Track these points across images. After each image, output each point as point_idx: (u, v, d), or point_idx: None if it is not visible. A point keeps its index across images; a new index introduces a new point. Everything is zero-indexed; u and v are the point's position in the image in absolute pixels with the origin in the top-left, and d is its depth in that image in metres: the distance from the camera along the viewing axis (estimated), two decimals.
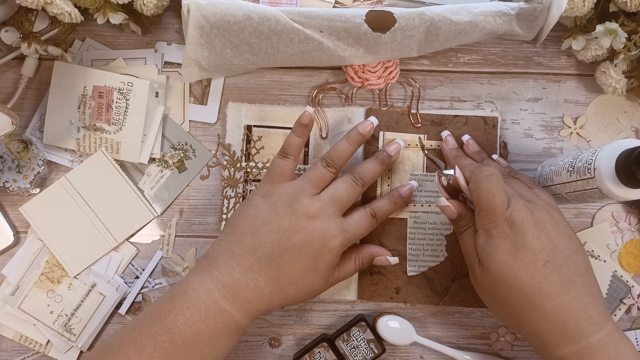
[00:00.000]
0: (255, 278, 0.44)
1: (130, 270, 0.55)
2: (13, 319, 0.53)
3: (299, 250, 0.45)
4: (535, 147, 0.56)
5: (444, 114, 0.55)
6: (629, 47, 0.51)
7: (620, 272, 0.54)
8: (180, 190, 0.56)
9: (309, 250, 0.45)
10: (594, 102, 0.57)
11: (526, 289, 0.41)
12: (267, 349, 0.55)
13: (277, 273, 0.45)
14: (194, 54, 0.51)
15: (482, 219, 0.44)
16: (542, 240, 0.42)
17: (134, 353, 0.42)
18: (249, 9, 0.50)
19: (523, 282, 0.41)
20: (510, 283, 0.42)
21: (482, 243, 0.44)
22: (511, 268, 0.42)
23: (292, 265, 0.45)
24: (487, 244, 0.43)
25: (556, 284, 0.41)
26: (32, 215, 0.54)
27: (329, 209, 0.46)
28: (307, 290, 0.47)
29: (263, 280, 0.44)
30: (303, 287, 0.46)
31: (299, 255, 0.45)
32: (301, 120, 0.49)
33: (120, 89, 0.54)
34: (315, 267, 0.46)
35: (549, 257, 0.41)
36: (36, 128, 0.55)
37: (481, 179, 0.44)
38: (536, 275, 0.41)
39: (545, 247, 0.42)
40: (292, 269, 0.45)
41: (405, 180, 0.54)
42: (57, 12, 0.48)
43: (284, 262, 0.45)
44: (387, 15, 0.51)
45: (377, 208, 0.50)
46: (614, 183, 0.43)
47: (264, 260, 0.44)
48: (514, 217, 0.42)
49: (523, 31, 0.53)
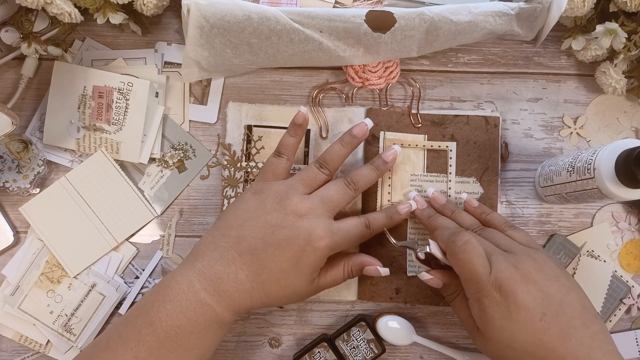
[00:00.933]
0: (237, 271, 0.44)
1: (130, 270, 0.55)
2: (13, 319, 0.53)
3: (282, 247, 0.44)
4: (535, 147, 0.56)
5: (445, 113, 0.55)
6: (629, 47, 0.51)
7: (620, 272, 0.54)
8: (180, 190, 0.56)
9: (293, 247, 0.44)
10: (594, 102, 0.57)
11: (529, 348, 0.41)
12: (267, 349, 0.55)
13: (258, 268, 0.44)
14: (193, 54, 0.51)
15: (469, 288, 0.43)
16: (533, 294, 0.41)
17: (120, 347, 0.42)
18: (249, 9, 0.50)
19: (525, 343, 0.41)
20: (513, 346, 0.41)
21: (477, 313, 0.43)
22: (510, 332, 0.41)
23: (274, 261, 0.44)
24: (482, 314, 0.42)
25: (556, 335, 0.40)
26: (32, 215, 0.54)
27: (318, 209, 0.46)
28: (290, 290, 0.46)
29: (244, 274, 0.44)
30: (285, 285, 0.45)
31: (282, 252, 0.44)
32: (295, 120, 0.49)
33: (120, 89, 0.54)
34: (297, 265, 0.45)
35: (544, 309, 0.41)
36: (36, 128, 0.55)
37: (457, 251, 0.43)
38: (535, 332, 0.40)
39: (538, 300, 0.41)
40: (274, 265, 0.44)
41: (406, 180, 0.54)
42: (57, 12, 0.48)
43: (267, 257, 0.44)
44: (387, 15, 0.51)
45: (373, 219, 0.49)
46: (614, 183, 0.43)
47: (247, 254, 0.44)
48: (499, 280, 0.41)
49: (523, 31, 0.53)
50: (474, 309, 0.44)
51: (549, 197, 0.53)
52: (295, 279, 0.45)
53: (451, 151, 0.54)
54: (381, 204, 0.54)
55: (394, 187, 0.54)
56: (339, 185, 0.48)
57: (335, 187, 0.47)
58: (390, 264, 0.53)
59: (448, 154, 0.54)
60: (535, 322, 0.40)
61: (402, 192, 0.54)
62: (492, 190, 0.54)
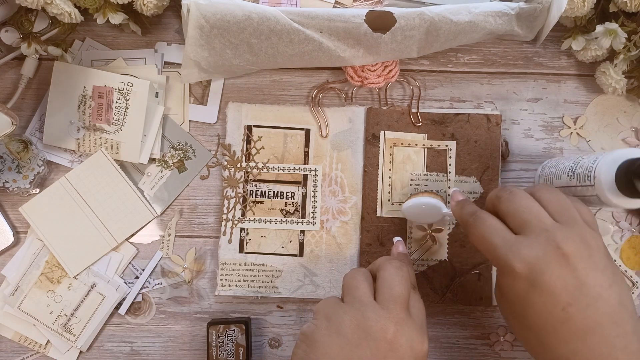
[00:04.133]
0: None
1: (130, 271, 0.55)
2: (13, 319, 0.53)
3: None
4: (535, 148, 0.56)
5: (446, 112, 0.55)
6: (629, 47, 0.51)
7: (624, 268, 0.54)
8: (180, 191, 0.56)
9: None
10: (594, 102, 0.57)
11: (536, 330, 0.38)
12: (267, 349, 0.55)
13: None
14: (193, 55, 0.51)
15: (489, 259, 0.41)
16: (565, 280, 0.37)
17: None
18: (249, 9, 0.50)
19: (534, 324, 0.38)
20: (523, 322, 0.39)
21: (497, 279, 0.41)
22: (523, 309, 0.38)
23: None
24: (498, 282, 0.40)
25: (577, 328, 0.37)
26: (31, 216, 0.53)
27: (400, 313, 0.39)
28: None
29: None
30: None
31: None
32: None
33: (120, 89, 0.54)
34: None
35: (571, 299, 0.37)
36: (36, 128, 0.55)
37: (468, 227, 0.42)
38: (550, 319, 0.37)
39: (568, 289, 0.37)
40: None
41: (406, 179, 0.54)
42: (57, 12, 0.48)
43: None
44: (387, 15, 0.51)
45: (411, 277, 0.44)
46: (614, 193, 0.42)
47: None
48: (526, 257, 0.38)
49: (523, 31, 0.53)
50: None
51: None
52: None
53: (451, 150, 0.54)
54: (381, 203, 0.54)
55: (394, 187, 0.54)
56: (393, 272, 0.42)
57: (393, 276, 0.41)
58: None
59: (448, 153, 0.54)
60: (555, 310, 0.37)
61: (402, 192, 0.54)
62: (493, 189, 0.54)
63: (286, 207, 0.55)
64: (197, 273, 0.55)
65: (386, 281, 0.41)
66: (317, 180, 0.55)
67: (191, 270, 0.55)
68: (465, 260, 0.54)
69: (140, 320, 0.55)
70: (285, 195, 0.55)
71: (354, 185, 0.55)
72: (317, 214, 0.54)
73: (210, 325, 0.53)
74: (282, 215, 0.55)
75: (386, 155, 0.55)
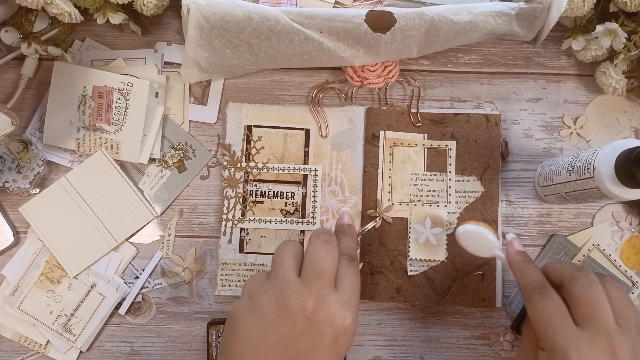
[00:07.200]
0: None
1: (130, 271, 0.55)
2: (13, 319, 0.53)
3: (314, 355, 0.38)
4: (535, 147, 0.56)
5: (445, 112, 0.55)
6: (629, 47, 0.51)
7: (624, 268, 0.54)
8: (180, 191, 0.56)
9: (324, 346, 0.38)
10: (594, 102, 0.57)
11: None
12: None
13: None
14: (193, 55, 0.51)
15: (541, 339, 0.41)
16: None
17: None
18: (249, 9, 0.50)
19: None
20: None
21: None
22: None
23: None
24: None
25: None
26: (31, 216, 0.53)
27: (321, 289, 0.39)
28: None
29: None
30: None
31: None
32: None
33: (120, 89, 0.54)
34: (339, 356, 0.39)
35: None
36: (36, 128, 0.55)
37: (533, 298, 0.41)
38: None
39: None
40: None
41: (406, 179, 0.54)
42: (57, 12, 0.48)
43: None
44: (387, 15, 0.51)
45: (346, 248, 0.44)
46: (614, 183, 0.43)
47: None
48: (581, 353, 0.38)
49: (523, 31, 0.53)
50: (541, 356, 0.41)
51: (549, 197, 0.53)
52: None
53: (451, 150, 0.54)
54: (381, 203, 0.54)
55: (394, 187, 0.54)
56: (319, 246, 0.41)
57: (318, 251, 0.41)
58: (391, 263, 0.53)
59: (448, 153, 0.55)
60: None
61: (402, 192, 0.54)
62: (493, 188, 0.54)
63: (286, 207, 0.55)
64: (197, 273, 0.55)
65: (311, 256, 0.41)
66: (317, 180, 0.55)
67: (191, 270, 0.55)
68: (468, 260, 0.54)
69: (140, 320, 0.55)
70: (285, 195, 0.55)
71: (353, 185, 0.55)
72: (317, 214, 0.54)
73: (210, 325, 0.53)
74: (282, 215, 0.55)
75: (386, 155, 0.55)
